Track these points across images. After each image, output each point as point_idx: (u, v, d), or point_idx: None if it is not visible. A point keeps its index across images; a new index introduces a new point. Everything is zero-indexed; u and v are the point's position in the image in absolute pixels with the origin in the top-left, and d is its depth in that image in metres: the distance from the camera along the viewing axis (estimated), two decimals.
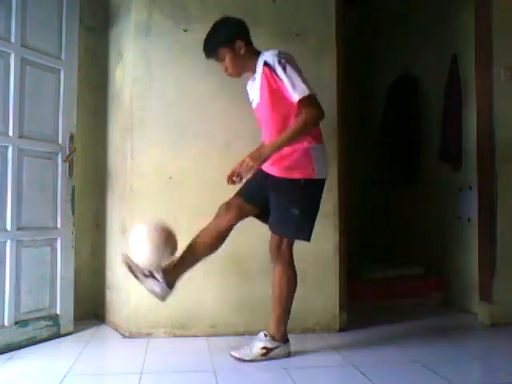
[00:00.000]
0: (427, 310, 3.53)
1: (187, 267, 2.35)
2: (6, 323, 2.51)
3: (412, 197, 4.24)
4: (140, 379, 2.15)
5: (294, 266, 2.45)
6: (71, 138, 2.84)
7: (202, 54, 2.88)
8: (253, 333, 2.42)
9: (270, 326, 2.44)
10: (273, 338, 2.41)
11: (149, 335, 2.79)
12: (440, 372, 2.25)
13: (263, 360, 2.37)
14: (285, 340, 2.44)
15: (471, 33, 3.36)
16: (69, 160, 2.83)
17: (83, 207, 3.12)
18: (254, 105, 2.45)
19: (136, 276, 2.23)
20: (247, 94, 2.54)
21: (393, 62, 4.55)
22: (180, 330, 2.82)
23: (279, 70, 2.22)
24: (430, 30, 4.02)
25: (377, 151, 4.60)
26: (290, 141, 2.23)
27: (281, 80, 2.23)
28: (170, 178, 2.85)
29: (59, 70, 2.80)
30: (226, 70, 2.38)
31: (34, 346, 2.60)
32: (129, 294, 2.80)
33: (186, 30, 2.89)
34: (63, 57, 2.82)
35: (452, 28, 3.75)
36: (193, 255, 2.35)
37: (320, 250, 2.88)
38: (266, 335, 2.41)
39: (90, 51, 3.20)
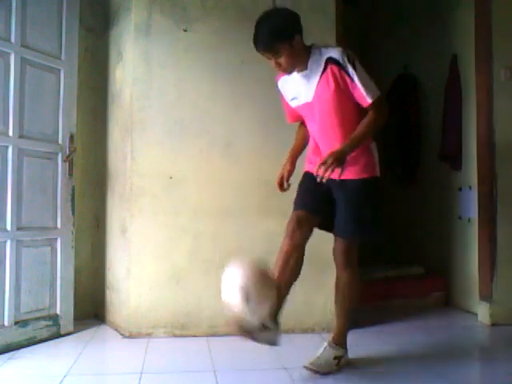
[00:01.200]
0: (427, 310, 3.52)
1: (285, 298, 2.22)
2: (6, 323, 2.51)
3: (412, 197, 4.24)
4: (140, 379, 2.15)
5: None
6: (71, 138, 2.84)
7: (202, 54, 2.90)
8: None
9: (334, 335, 2.32)
10: (341, 346, 2.31)
11: (149, 335, 2.79)
12: (440, 372, 2.25)
13: (337, 370, 2.26)
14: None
15: (471, 33, 3.36)
16: (69, 160, 2.83)
17: (83, 207, 3.12)
18: (299, 103, 2.25)
19: (254, 338, 2.01)
20: (280, 91, 2.35)
21: (393, 61, 4.55)
22: (180, 330, 2.82)
23: (350, 68, 2.09)
24: (430, 30, 4.02)
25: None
26: (364, 140, 2.16)
27: (351, 79, 2.10)
28: (170, 177, 2.85)
29: (59, 69, 2.80)
30: (279, 66, 2.14)
31: (34, 346, 2.60)
32: (129, 294, 2.80)
33: (185, 30, 2.89)
34: (63, 57, 2.82)
35: (452, 28, 3.75)
36: (286, 285, 2.18)
37: (320, 250, 2.87)
38: (335, 344, 2.29)
39: (89, 51, 3.19)
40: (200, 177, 2.87)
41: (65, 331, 2.80)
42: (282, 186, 2.33)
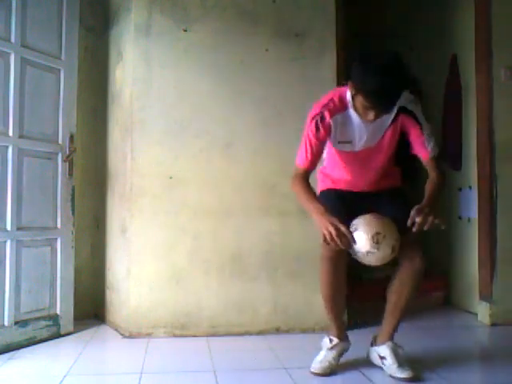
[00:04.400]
0: (427, 310, 3.52)
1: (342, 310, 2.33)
2: (6, 323, 2.51)
3: (412, 197, 4.23)
4: (140, 379, 2.15)
5: None
6: (71, 138, 2.84)
7: (203, 54, 2.90)
8: (253, 333, 2.42)
9: (389, 332, 2.25)
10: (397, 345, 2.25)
11: (149, 335, 2.79)
12: (440, 372, 2.24)
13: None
14: None
15: (471, 33, 3.35)
16: (69, 160, 2.83)
17: (83, 207, 3.12)
18: (353, 148, 2.10)
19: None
20: (336, 134, 2.09)
21: None
22: (180, 330, 2.82)
23: (421, 119, 2.06)
24: (430, 30, 4.02)
25: None
26: (437, 200, 2.15)
27: (417, 131, 2.07)
28: (171, 177, 2.85)
29: (59, 69, 2.80)
30: (378, 117, 1.96)
31: (34, 346, 2.60)
32: (129, 294, 2.80)
33: (186, 30, 2.89)
34: (63, 57, 2.82)
35: (452, 28, 3.75)
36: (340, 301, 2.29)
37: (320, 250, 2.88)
38: (395, 344, 2.23)
39: (89, 51, 3.19)
40: (200, 177, 2.87)
41: (65, 331, 2.80)
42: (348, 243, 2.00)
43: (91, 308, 3.18)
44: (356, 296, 3.21)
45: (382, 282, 3.68)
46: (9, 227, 2.53)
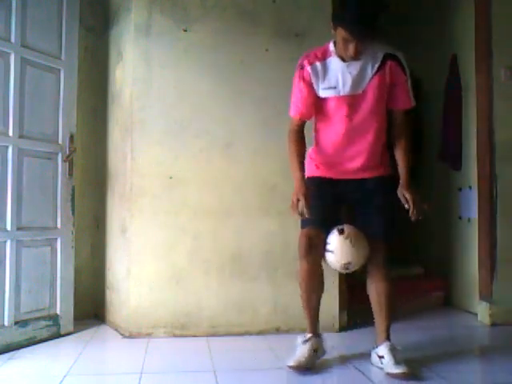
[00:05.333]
0: (427, 310, 3.52)
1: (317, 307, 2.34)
2: (6, 323, 2.50)
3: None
4: (140, 379, 2.15)
5: None
6: (71, 138, 2.84)
7: (203, 54, 2.90)
8: (253, 333, 2.42)
9: (385, 334, 2.28)
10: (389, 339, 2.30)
11: (149, 335, 2.79)
12: (440, 372, 2.24)
13: None
14: None
15: (471, 33, 3.35)
16: (69, 160, 2.83)
17: (83, 207, 3.12)
18: (338, 93, 2.14)
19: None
20: (301, 79, 2.19)
21: None
22: (180, 330, 2.82)
23: (406, 67, 2.20)
24: (430, 30, 4.02)
25: None
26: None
27: (406, 78, 2.20)
28: (171, 177, 2.85)
29: (59, 70, 2.80)
30: (356, 51, 2.06)
31: (34, 346, 2.60)
32: (129, 294, 2.80)
33: (185, 30, 2.89)
34: (63, 57, 2.82)
35: (452, 28, 3.75)
36: (317, 301, 2.34)
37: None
38: (393, 344, 2.26)
39: (90, 51, 3.20)
40: (200, 177, 2.87)
41: (65, 331, 2.80)
42: (302, 213, 2.10)
43: (91, 308, 3.18)
44: (356, 296, 3.21)
45: None
46: (9, 227, 2.53)
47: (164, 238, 2.84)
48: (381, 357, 2.24)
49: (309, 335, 2.29)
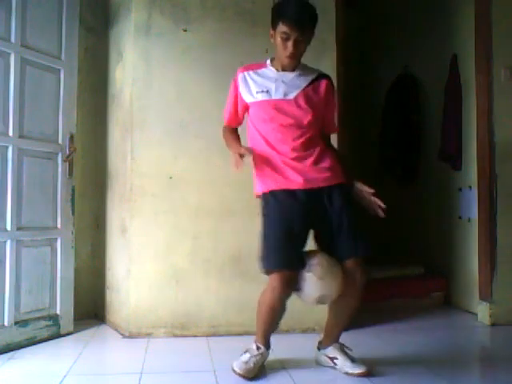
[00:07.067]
0: (427, 310, 3.52)
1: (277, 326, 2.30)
2: (5, 323, 2.51)
3: (412, 197, 4.24)
4: (140, 379, 2.15)
5: None
6: (71, 138, 2.84)
7: (202, 54, 2.90)
8: (253, 333, 2.42)
9: (336, 337, 2.30)
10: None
11: (149, 335, 2.79)
12: (440, 372, 2.24)
13: None
14: None
15: (471, 33, 3.35)
16: (69, 160, 2.83)
17: (83, 207, 3.12)
18: (269, 97, 2.16)
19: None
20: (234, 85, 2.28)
21: (393, 61, 4.55)
22: (180, 330, 2.82)
23: (335, 94, 2.30)
24: (430, 30, 4.02)
25: (377, 151, 4.59)
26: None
27: (334, 102, 2.29)
28: (170, 178, 2.85)
29: (59, 70, 2.80)
30: (295, 49, 2.11)
31: (34, 346, 2.60)
32: (129, 294, 2.80)
33: (185, 30, 2.89)
34: (63, 57, 2.82)
35: (452, 28, 3.75)
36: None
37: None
38: (342, 344, 2.30)
39: (90, 51, 3.19)
40: (200, 177, 2.87)
41: (65, 331, 2.80)
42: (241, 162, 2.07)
43: (91, 308, 3.18)
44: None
45: (382, 283, 3.71)
46: (9, 227, 2.53)
47: (164, 238, 2.84)
48: (333, 358, 2.25)
49: (262, 349, 2.23)
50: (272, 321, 2.23)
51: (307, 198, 2.12)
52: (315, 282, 2.05)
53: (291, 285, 2.09)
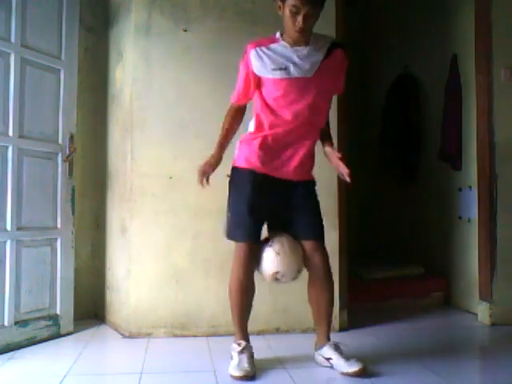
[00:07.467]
0: (427, 310, 3.52)
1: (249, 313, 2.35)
2: (5, 323, 2.51)
3: (412, 197, 4.24)
4: (140, 379, 2.16)
5: None
6: (71, 138, 2.84)
7: (202, 54, 2.90)
8: (252, 333, 2.42)
9: (326, 335, 2.30)
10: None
11: (149, 335, 2.79)
12: (440, 372, 2.24)
13: None
14: None
15: (471, 32, 3.35)
16: (69, 160, 2.83)
17: (83, 207, 3.12)
18: (288, 75, 2.11)
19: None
20: (246, 61, 2.22)
21: (393, 61, 4.55)
22: (180, 330, 2.82)
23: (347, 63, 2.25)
24: (430, 30, 4.02)
25: (377, 151, 4.59)
26: None
27: (344, 70, 2.26)
28: (170, 178, 2.85)
29: (59, 70, 2.80)
30: (304, 24, 2.05)
31: (34, 346, 2.60)
32: (129, 294, 2.80)
33: (185, 30, 2.89)
34: (63, 57, 2.82)
35: (452, 28, 3.75)
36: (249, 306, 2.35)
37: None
38: (334, 343, 2.29)
39: (90, 51, 3.19)
40: None
41: (65, 331, 2.80)
42: (207, 178, 2.28)
43: (91, 308, 3.18)
44: (356, 296, 3.21)
45: (382, 283, 3.71)
46: (9, 227, 2.53)
47: (164, 237, 2.84)
48: (328, 358, 2.25)
49: (244, 343, 2.24)
50: (244, 302, 2.26)
51: (281, 185, 2.22)
52: (273, 257, 2.16)
53: (256, 256, 2.21)
